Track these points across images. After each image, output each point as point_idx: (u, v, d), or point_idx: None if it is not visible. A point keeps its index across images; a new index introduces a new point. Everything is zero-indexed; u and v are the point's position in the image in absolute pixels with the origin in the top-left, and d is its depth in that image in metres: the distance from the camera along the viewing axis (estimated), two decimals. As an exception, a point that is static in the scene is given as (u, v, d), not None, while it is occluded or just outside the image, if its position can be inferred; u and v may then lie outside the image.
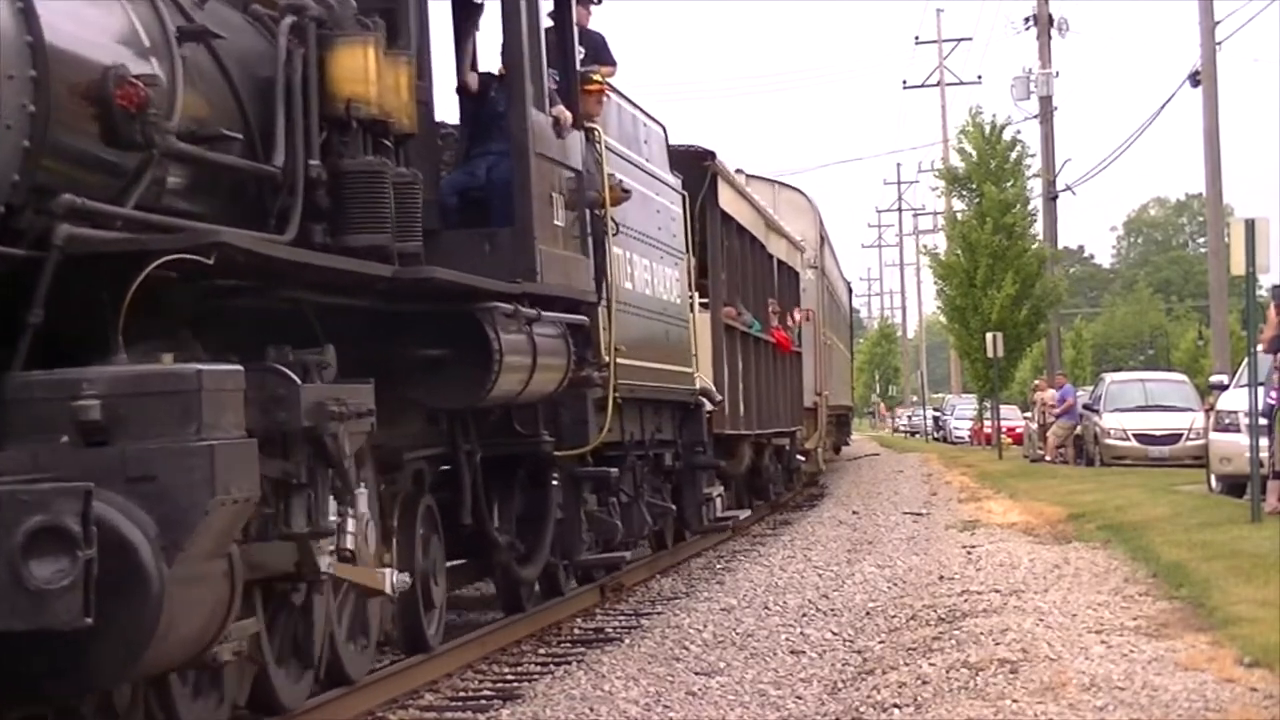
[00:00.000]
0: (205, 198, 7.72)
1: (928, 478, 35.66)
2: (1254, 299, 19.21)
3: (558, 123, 11.11)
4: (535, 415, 11.42)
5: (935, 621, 11.61)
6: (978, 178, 45.60)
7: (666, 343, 15.25)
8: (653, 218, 15.17)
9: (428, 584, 10.21)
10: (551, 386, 10.66)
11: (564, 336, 10.77)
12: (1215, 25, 36.22)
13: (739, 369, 20.04)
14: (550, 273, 10.52)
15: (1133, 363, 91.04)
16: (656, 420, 15.29)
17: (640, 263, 14.31)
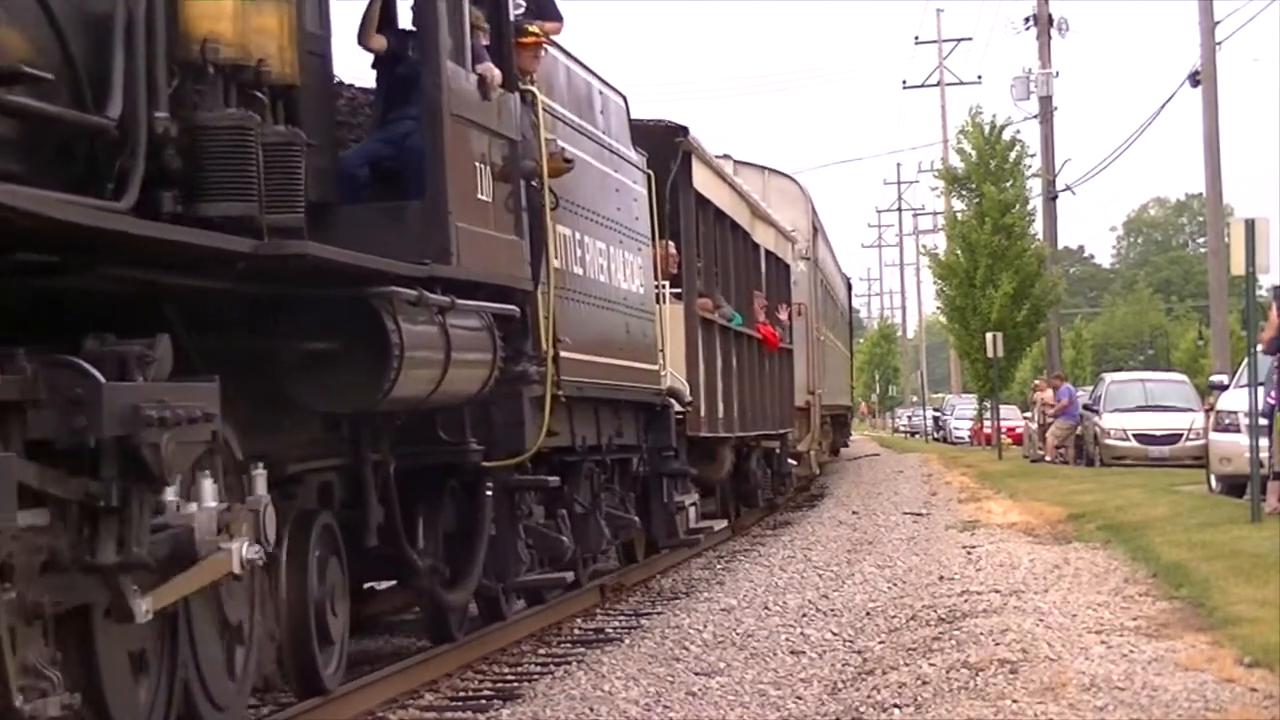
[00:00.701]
0: (15, 154, 6.18)
1: (928, 478, 35.65)
2: (1254, 299, 19.20)
3: (483, 82, 9.59)
4: (461, 419, 9.98)
5: (935, 621, 11.61)
6: (977, 178, 45.61)
7: (626, 336, 13.81)
8: (610, 196, 13.67)
9: (323, 615, 8.69)
10: (474, 386, 9.23)
11: (489, 328, 9.32)
12: (1215, 25, 36.26)
13: (718, 366, 18.54)
14: (472, 254, 9.16)
15: (1133, 363, 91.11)
16: (616, 422, 13.85)
17: (594, 246, 12.85)
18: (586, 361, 12.22)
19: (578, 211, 12.39)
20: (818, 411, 29.39)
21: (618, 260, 13.67)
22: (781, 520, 24.24)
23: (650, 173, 15.14)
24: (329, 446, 8.92)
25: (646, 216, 14.95)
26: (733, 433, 19.43)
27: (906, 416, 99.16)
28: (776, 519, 24.41)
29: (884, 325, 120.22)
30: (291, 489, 8.40)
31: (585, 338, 12.26)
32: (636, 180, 14.82)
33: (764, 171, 28.52)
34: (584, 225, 12.61)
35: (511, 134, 10.11)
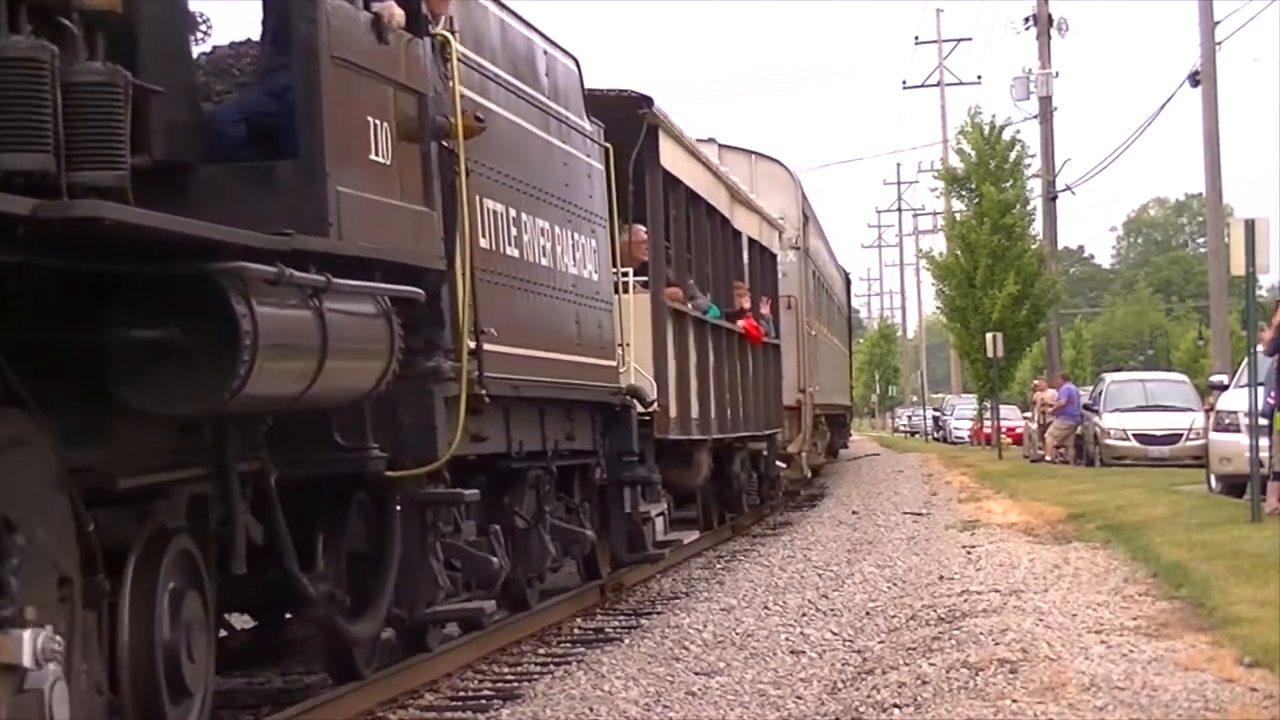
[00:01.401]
0: None
1: (928, 478, 35.66)
2: (1254, 299, 19.20)
3: (379, 21, 8.32)
4: (362, 421, 8.53)
5: (935, 621, 11.61)
6: (977, 178, 45.64)
7: (577, 329, 12.31)
8: (555, 170, 12.09)
9: (176, 662, 7.05)
10: (364, 383, 7.89)
11: (386, 315, 7.99)
12: (1215, 25, 36.25)
13: (691, 362, 16.94)
14: (361, 225, 7.87)
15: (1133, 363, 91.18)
16: (566, 425, 12.35)
17: (534, 224, 11.25)
18: (523, 356, 10.76)
19: (514, 185, 10.83)
20: (810, 411, 27.74)
21: (565, 242, 12.07)
22: (781, 520, 24.23)
23: (608, 146, 13.58)
24: (184, 455, 7.27)
25: (603, 195, 13.42)
26: (709, 434, 17.95)
27: (906, 416, 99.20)
28: (776, 519, 24.39)
29: (884, 325, 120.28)
30: (146, 507, 6.98)
31: (521, 329, 10.73)
32: (591, 154, 13.21)
33: (751, 156, 27.09)
34: (521, 200, 11.00)
35: (419, 87, 8.79)
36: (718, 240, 19.94)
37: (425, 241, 8.78)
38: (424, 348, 8.86)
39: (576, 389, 12.34)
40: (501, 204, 10.57)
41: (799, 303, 27.24)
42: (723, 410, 18.79)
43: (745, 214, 22.09)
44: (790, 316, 26.39)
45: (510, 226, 10.74)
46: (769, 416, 22.82)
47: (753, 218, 22.81)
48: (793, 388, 25.88)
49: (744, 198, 21.97)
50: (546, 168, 11.89)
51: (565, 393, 12.08)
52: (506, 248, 10.65)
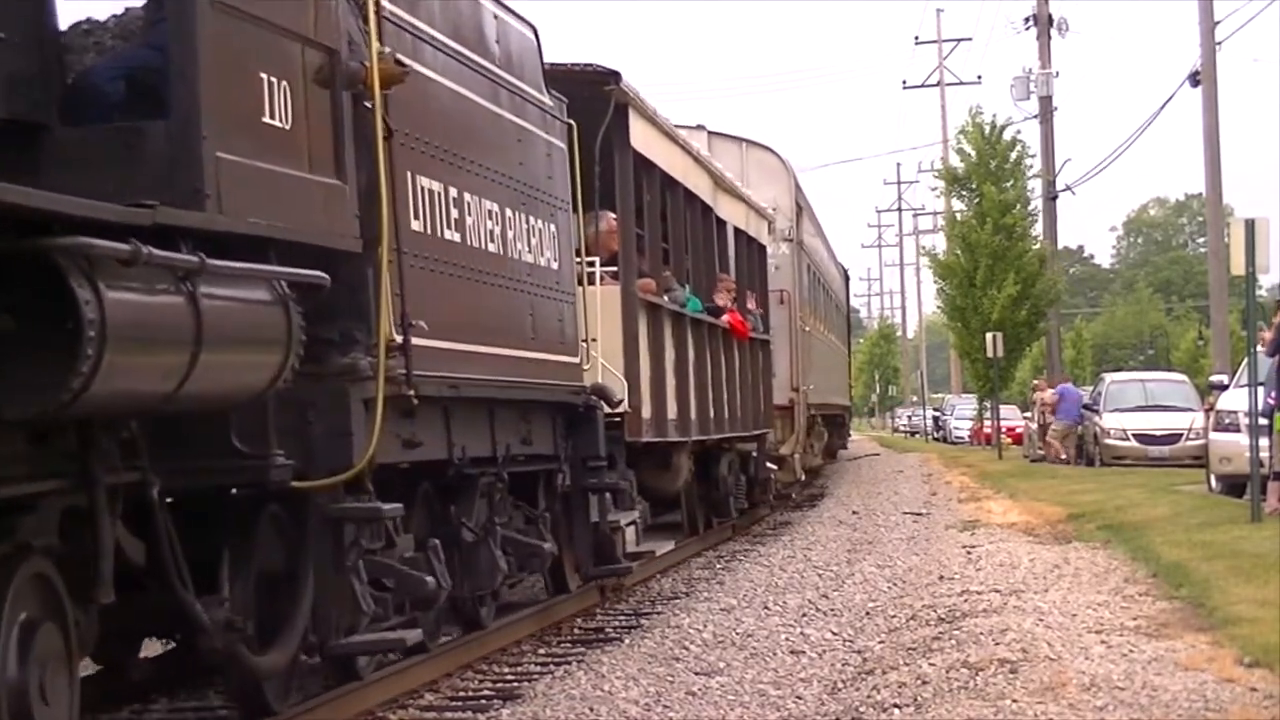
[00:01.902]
0: None
1: (928, 478, 35.66)
2: (1254, 299, 19.20)
3: None
4: (265, 425, 7.44)
5: (935, 621, 11.61)
6: (977, 178, 45.66)
7: (530, 321, 11.08)
8: (507, 147, 10.83)
9: (22, 706, 6.00)
10: (253, 381, 6.87)
11: (283, 303, 6.97)
12: (1215, 25, 36.27)
13: (668, 359, 15.93)
14: (252, 198, 6.83)
15: (1133, 363, 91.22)
16: (522, 428, 11.20)
17: (479, 206, 9.99)
18: (466, 353, 9.57)
19: (455, 161, 9.61)
20: (803, 411, 26.41)
21: (519, 227, 10.83)
22: (781, 520, 24.23)
23: (571, 123, 12.41)
24: (44, 464, 6.23)
25: (566, 176, 12.20)
26: (689, 436, 16.86)
27: (906, 416, 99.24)
28: (776, 519, 24.39)
29: (884, 325, 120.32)
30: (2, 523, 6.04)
31: (464, 322, 9.59)
32: (551, 131, 11.95)
33: (741, 144, 25.77)
34: (464, 179, 9.76)
35: (330, 43, 7.73)
36: (698, 229, 18.53)
37: (336, 219, 7.69)
38: (340, 342, 7.96)
39: (532, 388, 11.11)
40: (439, 182, 9.27)
41: (792, 297, 26.08)
42: (705, 410, 17.76)
43: (730, 202, 20.77)
44: (782, 312, 25.30)
45: (450, 207, 9.43)
46: (758, 416, 21.69)
47: (739, 206, 21.47)
48: (785, 386, 24.85)
49: (728, 185, 20.60)
50: (496, 144, 10.55)
51: (518, 392, 10.85)
52: (445, 231, 9.33)
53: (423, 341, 8.62)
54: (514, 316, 10.79)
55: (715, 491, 19.87)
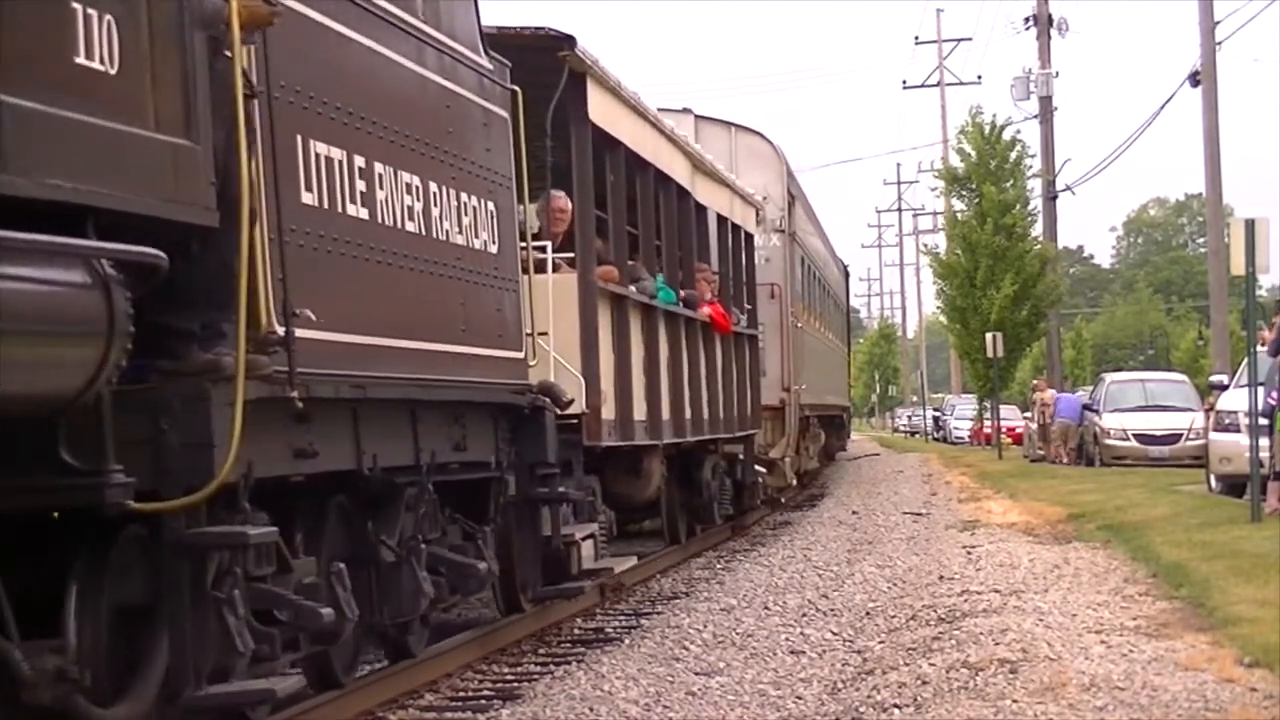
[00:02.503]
0: None
1: (928, 478, 35.66)
2: (1254, 299, 19.21)
3: None
4: (101, 435, 6.12)
5: (935, 621, 11.61)
6: (977, 178, 45.69)
7: (461, 312, 9.55)
8: (433, 113, 9.34)
9: None
10: (65, 381, 5.68)
11: (103, 285, 5.72)
12: (1215, 25, 36.30)
13: (635, 355, 14.52)
14: (55, 155, 5.54)
15: (1133, 363, 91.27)
16: (453, 432, 9.71)
17: (395, 179, 8.56)
18: (375, 347, 8.20)
19: (361, 125, 8.23)
20: (795, 412, 24.73)
21: (447, 204, 9.40)
22: (781, 520, 24.22)
23: (515, 90, 10.85)
24: None
25: (509, 150, 10.72)
26: (661, 439, 15.38)
27: (906, 416, 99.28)
28: (776, 519, 24.38)
29: (884, 325, 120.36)
30: None
31: (372, 312, 8.23)
32: (492, 98, 10.45)
33: (730, 128, 24.24)
34: (375, 146, 8.37)
35: None
36: (672, 215, 16.88)
37: (186, 187, 6.34)
38: (202, 335, 6.67)
39: (464, 388, 9.63)
40: (340, 148, 7.91)
41: (783, 291, 24.40)
42: (680, 410, 16.36)
43: (712, 187, 19.15)
44: (773, 306, 23.76)
45: (354, 178, 8.06)
46: (745, 417, 20.32)
47: (722, 192, 19.80)
48: (775, 386, 23.55)
49: (709, 168, 18.92)
50: (419, 108, 9.13)
51: (447, 393, 9.40)
52: (348, 205, 7.97)
53: (312, 334, 7.27)
54: (440, 306, 9.29)
55: (698, 498, 18.52)
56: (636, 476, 15.12)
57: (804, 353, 26.83)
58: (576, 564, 11.85)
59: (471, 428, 10.03)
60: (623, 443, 13.97)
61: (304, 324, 7.15)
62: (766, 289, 23.30)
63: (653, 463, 15.43)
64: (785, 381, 24.13)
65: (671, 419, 15.97)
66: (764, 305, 22.79)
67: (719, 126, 23.84)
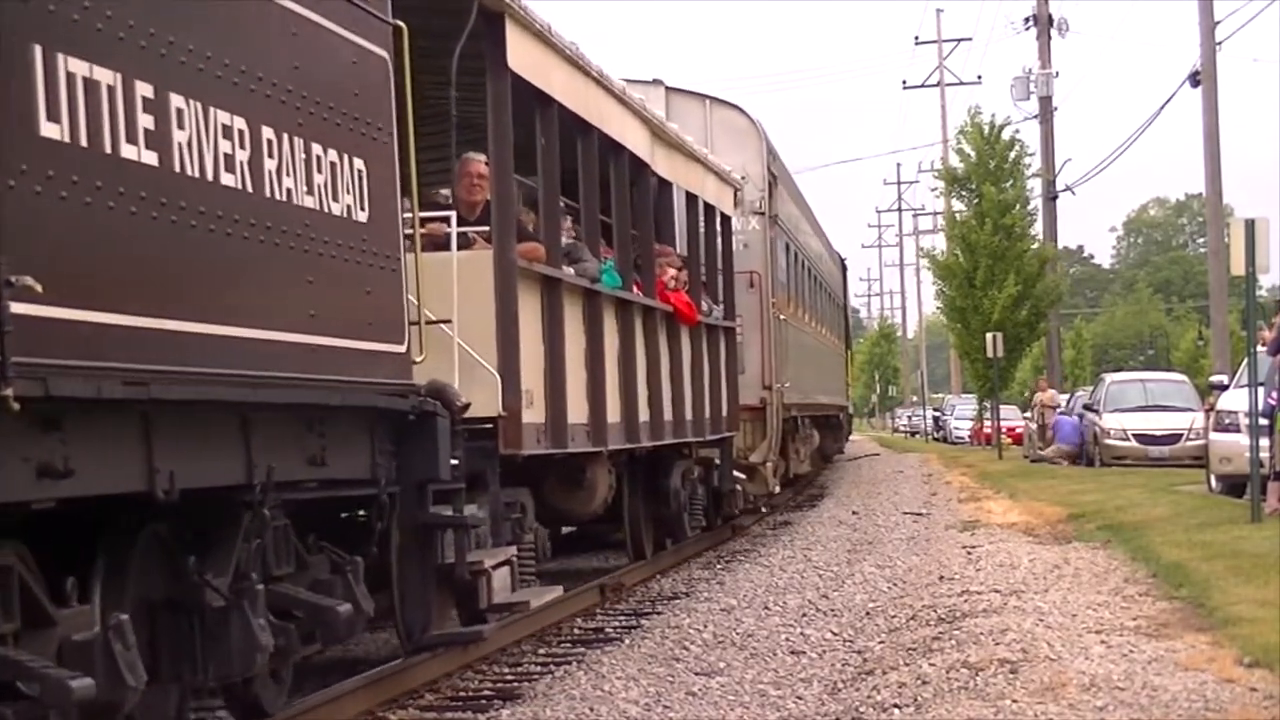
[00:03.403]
0: None
1: (928, 478, 35.65)
2: (1254, 299, 19.20)
3: None
4: None
5: (935, 621, 11.61)
6: (977, 178, 45.70)
7: (308, 292, 7.61)
8: (269, 40, 7.47)
9: None
10: None
11: None
12: (1215, 25, 36.29)
13: (572, 347, 12.55)
14: None
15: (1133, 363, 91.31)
16: (306, 443, 7.74)
17: (202, 117, 6.71)
18: (167, 333, 6.41)
19: (148, 43, 6.37)
20: (777, 412, 22.32)
21: (290, 156, 7.46)
22: (781, 520, 24.22)
23: (398, 24, 8.89)
24: None
25: (387, 96, 8.75)
26: (606, 445, 13.33)
27: (906, 416, 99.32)
28: (776, 519, 24.38)
29: (884, 325, 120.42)
30: None
31: (164, 286, 6.42)
32: (365, 32, 8.55)
33: (705, 101, 22.12)
34: (170, 72, 6.51)
35: None
36: (624, 188, 14.57)
37: None
38: None
39: (316, 388, 7.67)
40: (113, 70, 6.09)
41: (763, 280, 22.10)
42: (633, 412, 14.27)
43: (679, 161, 16.97)
44: (752, 296, 21.60)
45: (135, 111, 6.25)
46: (720, 418, 18.43)
47: (692, 168, 17.64)
48: (756, 383, 21.51)
49: (674, 139, 16.61)
50: (249, 34, 7.33)
51: (289, 394, 7.40)
52: (123, 146, 6.14)
53: (49, 311, 5.57)
54: (277, 285, 7.38)
55: (665, 508, 16.59)
56: (578, 488, 13.21)
57: (789, 348, 24.45)
58: (486, 597, 9.92)
59: (335, 438, 8.01)
60: (554, 450, 11.96)
61: (24, 296, 5.41)
62: (745, 277, 21.29)
63: (597, 472, 13.37)
64: (766, 379, 22.00)
65: (623, 422, 14.03)
66: (742, 295, 20.84)
67: (693, 99, 21.86)
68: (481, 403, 10.29)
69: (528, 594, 10.78)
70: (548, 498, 12.84)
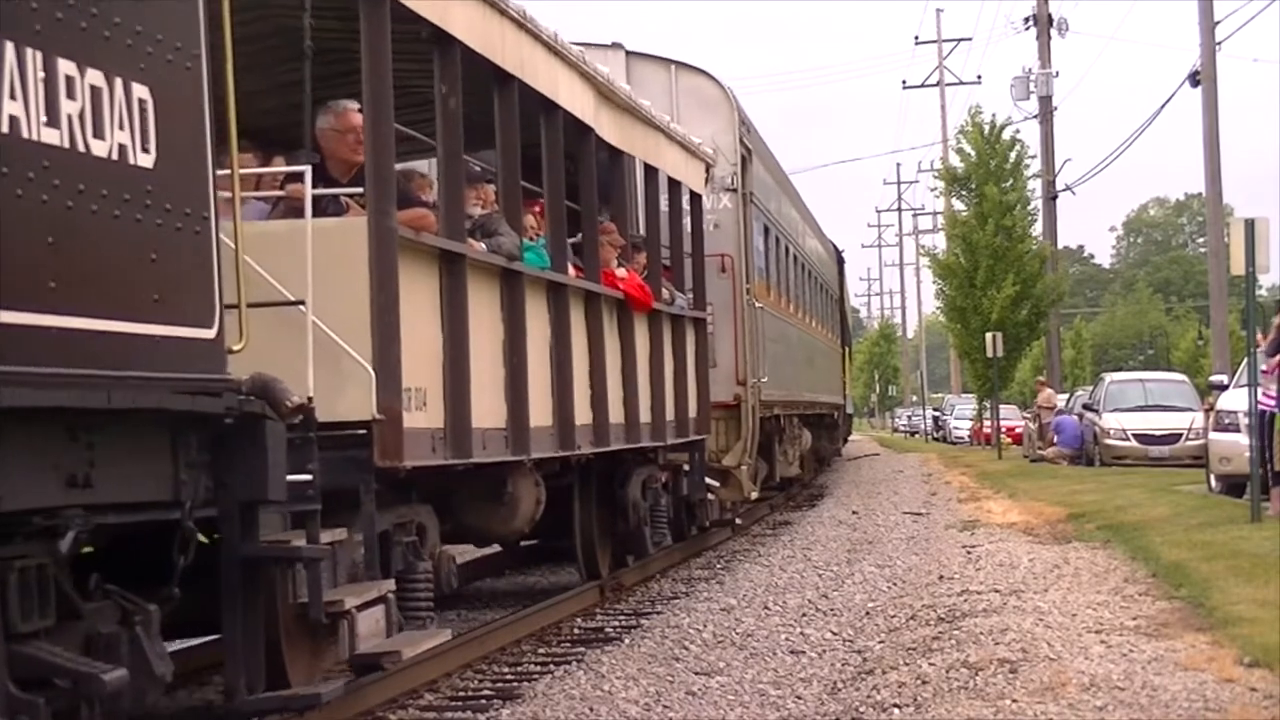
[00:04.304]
0: None
1: (927, 478, 35.65)
2: (1254, 299, 19.20)
3: None
4: None
5: (935, 621, 11.62)
6: (978, 178, 45.72)
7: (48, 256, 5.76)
8: None
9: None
10: None
11: None
12: (1215, 25, 36.28)
13: (482, 336, 10.34)
14: None
15: (1133, 363, 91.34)
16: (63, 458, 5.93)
17: None
18: None
19: None
20: (753, 411, 19.83)
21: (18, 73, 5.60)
22: (781, 520, 24.22)
23: None
24: None
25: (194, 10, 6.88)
26: (527, 453, 11.09)
27: (906, 416, 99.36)
28: (776, 519, 24.37)
29: (884, 325, 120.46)
30: None
31: None
32: None
33: (670, 67, 19.83)
34: None
35: None
36: (556, 154, 12.37)
37: None
38: None
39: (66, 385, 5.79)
40: None
41: (736, 264, 19.73)
42: (568, 414, 12.10)
43: (633, 128, 14.65)
44: (723, 282, 19.31)
45: None
46: (687, 419, 16.21)
47: (649, 137, 15.32)
48: (729, 378, 19.24)
49: (625, 102, 14.31)
50: None
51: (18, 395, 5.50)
52: None
53: None
54: None
55: (623, 522, 14.61)
56: (497, 503, 11.16)
57: (768, 339, 21.97)
58: (348, 644, 8.13)
59: (109, 450, 6.18)
60: (456, 460, 9.80)
61: None
62: (716, 261, 19.07)
63: (520, 484, 11.33)
64: (740, 373, 19.62)
65: (555, 426, 11.91)
66: (712, 281, 18.53)
67: (657, 65, 19.69)
68: (352, 403, 8.57)
69: (402, 641, 8.70)
70: (461, 515, 11.00)
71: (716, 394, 18.31)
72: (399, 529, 9.35)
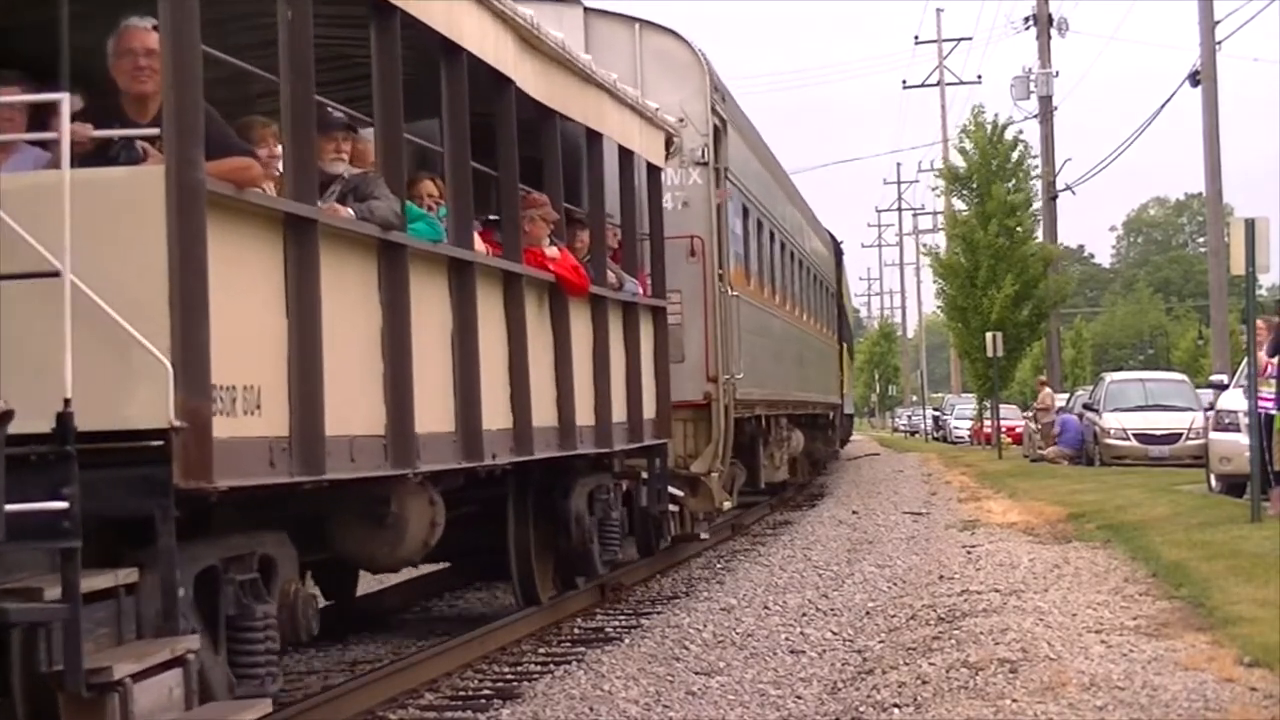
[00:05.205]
0: None
1: (927, 477, 35.65)
2: (1254, 299, 19.20)
3: None
4: None
5: (935, 621, 11.61)
6: (981, 177, 45.71)
7: None
8: None
9: None
10: None
11: None
12: (1215, 25, 36.28)
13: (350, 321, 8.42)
14: None
15: (1133, 363, 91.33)
16: None
17: None
18: None
19: None
20: (725, 411, 17.31)
21: None
22: (781, 520, 24.21)
23: None
24: None
25: None
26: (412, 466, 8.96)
27: (906, 416, 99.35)
28: (776, 519, 24.36)
29: (884, 325, 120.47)
30: None
31: None
32: None
33: (634, 25, 17.10)
34: None
35: None
36: (460, 106, 10.18)
37: None
38: None
39: None
40: None
41: (708, 247, 17.08)
42: (474, 416, 9.97)
43: (565, 84, 12.50)
44: (692, 267, 16.87)
45: None
46: (642, 422, 14.15)
47: (588, 94, 13.14)
48: (698, 374, 16.93)
49: (555, 53, 12.11)
50: None
51: None
52: None
53: None
54: None
55: (565, 540, 12.89)
56: (378, 526, 9.14)
57: (745, 331, 19.45)
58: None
59: None
60: (301, 478, 7.71)
61: None
62: (683, 243, 16.70)
63: (409, 503, 9.26)
64: (711, 369, 17.12)
65: (458, 431, 9.85)
66: (679, 266, 16.41)
67: (619, 23, 17.10)
68: (143, 406, 6.63)
69: (207, 714, 6.77)
70: (337, 542, 9.16)
71: (683, 392, 16.37)
72: (233, 564, 7.48)
